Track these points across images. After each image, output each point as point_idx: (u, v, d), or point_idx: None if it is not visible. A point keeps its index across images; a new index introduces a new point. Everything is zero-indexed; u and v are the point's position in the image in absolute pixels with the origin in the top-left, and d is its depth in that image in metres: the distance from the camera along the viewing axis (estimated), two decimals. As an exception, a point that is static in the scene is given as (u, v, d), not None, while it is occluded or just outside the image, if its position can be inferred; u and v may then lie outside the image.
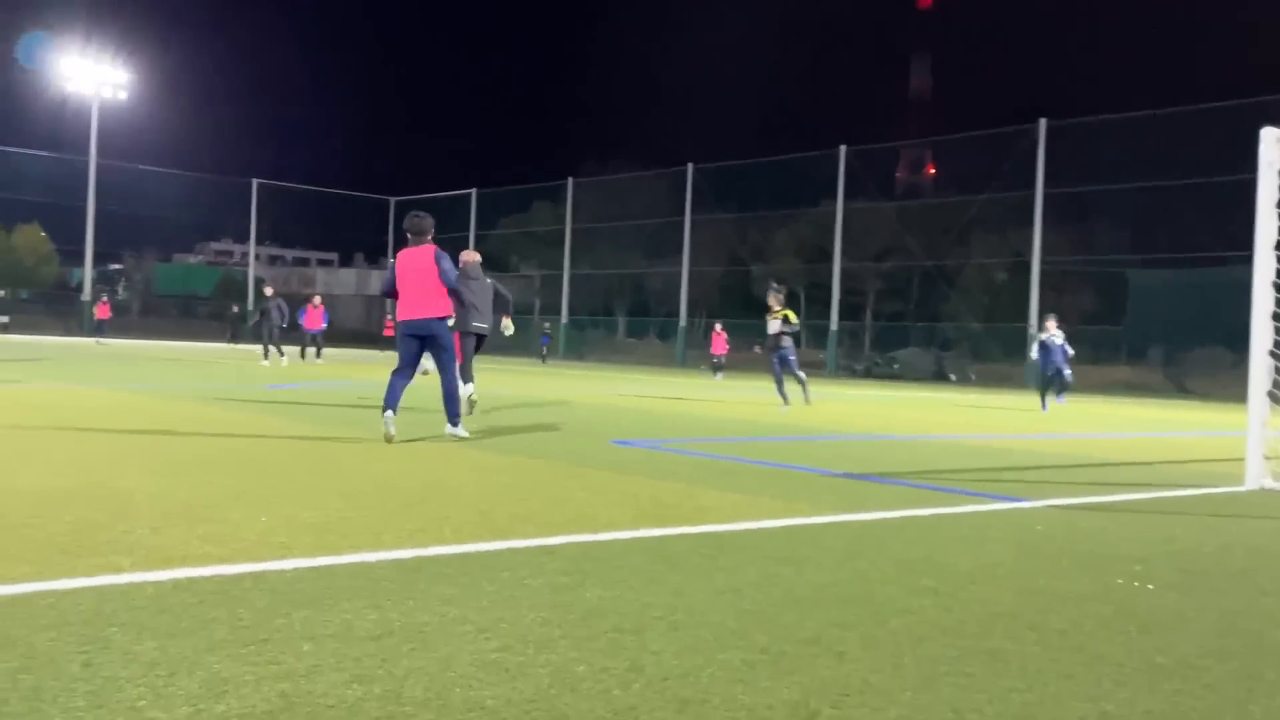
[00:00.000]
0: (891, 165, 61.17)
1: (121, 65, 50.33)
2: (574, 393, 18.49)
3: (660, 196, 52.66)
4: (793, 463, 8.20)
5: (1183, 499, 7.09)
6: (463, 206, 60.06)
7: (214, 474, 6.07)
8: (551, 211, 57.63)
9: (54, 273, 68.54)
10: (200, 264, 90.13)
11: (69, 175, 51.12)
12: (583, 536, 4.67)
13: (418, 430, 9.33)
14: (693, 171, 48.74)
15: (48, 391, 12.49)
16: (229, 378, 18.00)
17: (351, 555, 4.05)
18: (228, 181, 59.73)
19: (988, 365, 41.38)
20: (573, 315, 55.52)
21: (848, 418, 14.79)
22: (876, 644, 3.18)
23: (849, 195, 43.84)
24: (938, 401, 21.00)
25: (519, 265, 66.50)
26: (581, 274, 55.79)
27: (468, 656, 2.86)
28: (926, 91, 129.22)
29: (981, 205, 42.20)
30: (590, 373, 32.55)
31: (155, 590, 3.38)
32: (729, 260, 52.22)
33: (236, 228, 65.14)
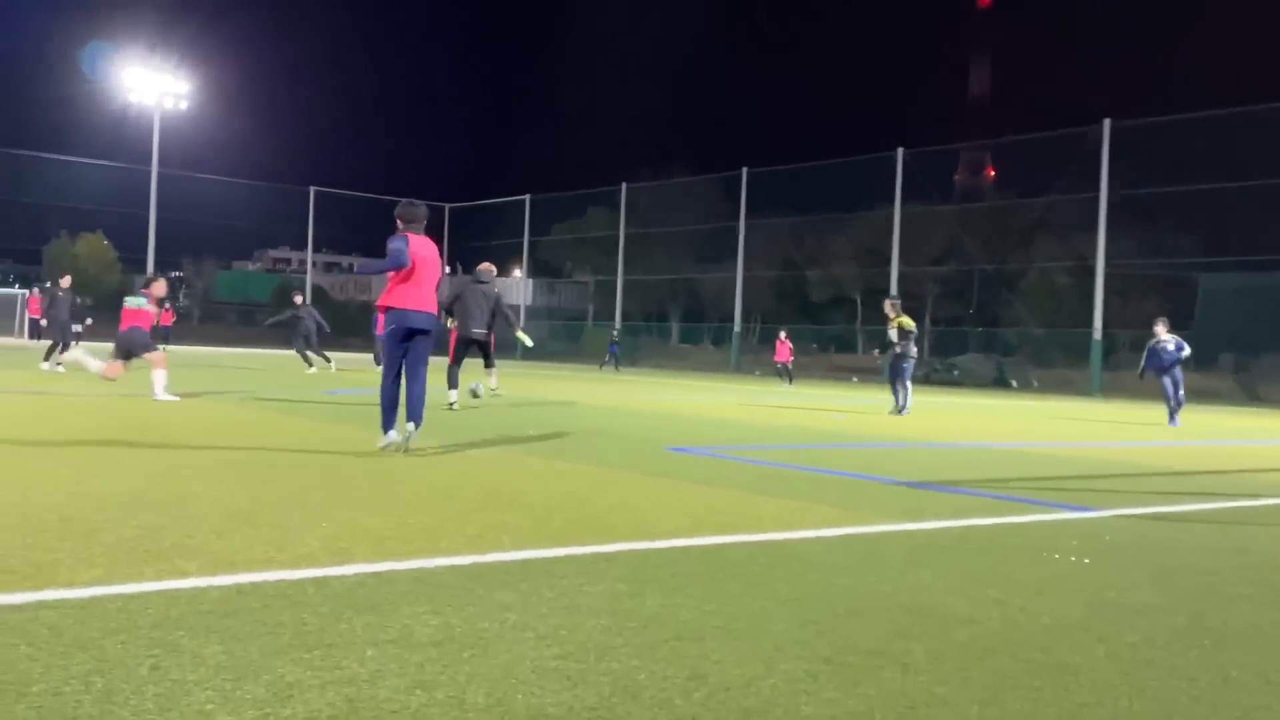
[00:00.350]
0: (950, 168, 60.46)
1: (183, 76, 51.39)
2: (628, 399, 18.52)
3: (714, 201, 52.64)
4: (851, 470, 8.14)
5: (1256, 509, 6.93)
6: (517, 213, 60.49)
7: (274, 479, 6.17)
8: (605, 217, 57.81)
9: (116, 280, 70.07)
10: (259, 271, 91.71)
11: (131, 184, 52.31)
12: (641, 544, 4.68)
13: (463, 435, 9.40)
14: (747, 175, 48.62)
15: (111, 397, 12.78)
16: (289, 383, 18.27)
17: (411, 561, 4.09)
18: (286, 189, 60.76)
19: (1050, 371, 40.74)
20: (626, 321, 55.62)
21: (906, 425, 14.64)
22: (942, 656, 3.15)
23: (907, 198, 43.43)
24: (999, 408, 20.73)
25: (572, 271, 66.86)
26: (635, 279, 55.91)
27: (529, 663, 2.88)
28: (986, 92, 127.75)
29: (1044, 208, 41.71)
30: (644, 379, 32.58)
31: (220, 595, 3.44)
32: (784, 265, 52.07)
33: (294, 235, 66.05)
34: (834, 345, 55.06)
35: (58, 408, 11.14)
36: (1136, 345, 43.52)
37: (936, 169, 46.71)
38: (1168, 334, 18.03)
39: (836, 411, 17.49)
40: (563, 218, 61.08)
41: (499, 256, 65.51)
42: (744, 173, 48.64)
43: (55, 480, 5.77)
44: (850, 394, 26.93)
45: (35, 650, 2.77)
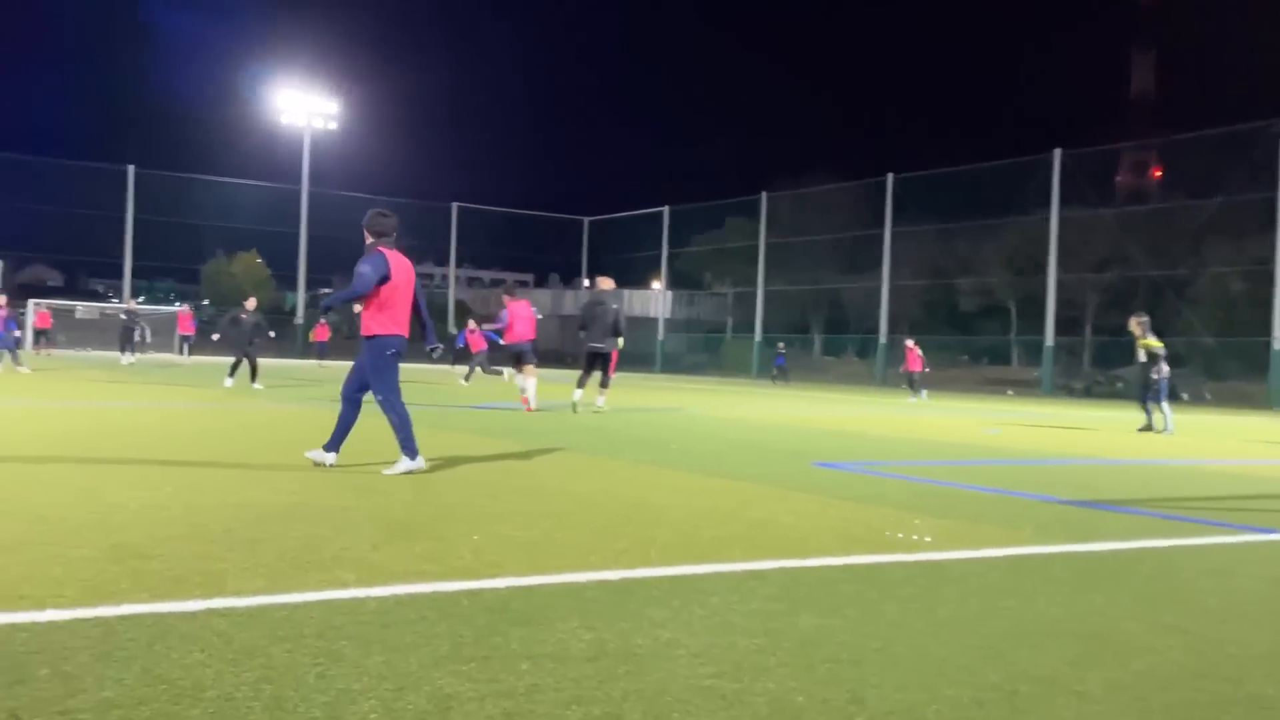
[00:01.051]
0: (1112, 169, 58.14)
1: (332, 96, 53.62)
2: (772, 412, 18.39)
3: (858, 208, 51.87)
4: (1012, 488, 7.89)
5: None
6: (655, 225, 60.91)
7: (425, 492, 6.34)
8: (745, 227, 57.64)
9: (270, 297, 73.39)
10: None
11: (283, 203, 54.79)
12: (792, 562, 4.64)
13: (604, 449, 9.47)
14: (893, 181, 47.82)
15: (263, 411, 13.37)
16: (437, 398, 18.79)
17: (561, 575, 4.15)
18: (429, 206, 62.67)
19: (1224, 384, 38.73)
20: (767, 333, 55.31)
21: (1069, 440, 14.13)
22: (1120, 686, 3.01)
23: (1064, 202, 42.01)
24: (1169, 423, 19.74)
25: (711, 283, 66.83)
26: (776, 290, 55.55)
27: (683, 681, 2.88)
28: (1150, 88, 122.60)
29: (1215, 210, 39.70)
30: (786, 391, 32.31)
31: (379, 605, 3.55)
32: (932, 273, 50.91)
33: (437, 251, 68.04)
34: (986, 357, 53.52)
35: (216, 422, 11.71)
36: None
37: (1097, 170, 45.07)
38: None
39: (992, 425, 17.00)
40: (701, 228, 61.18)
41: (638, 269, 66.18)
42: (890, 179, 47.85)
43: (218, 492, 6.06)
44: (1005, 408, 26.13)
45: (208, 657, 2.91)
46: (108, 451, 7.95)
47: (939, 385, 44.55)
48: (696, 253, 62.35)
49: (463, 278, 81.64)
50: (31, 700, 2.53)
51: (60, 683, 2.66)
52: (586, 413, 15.12)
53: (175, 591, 3.62)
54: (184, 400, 15.38)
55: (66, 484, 6.16)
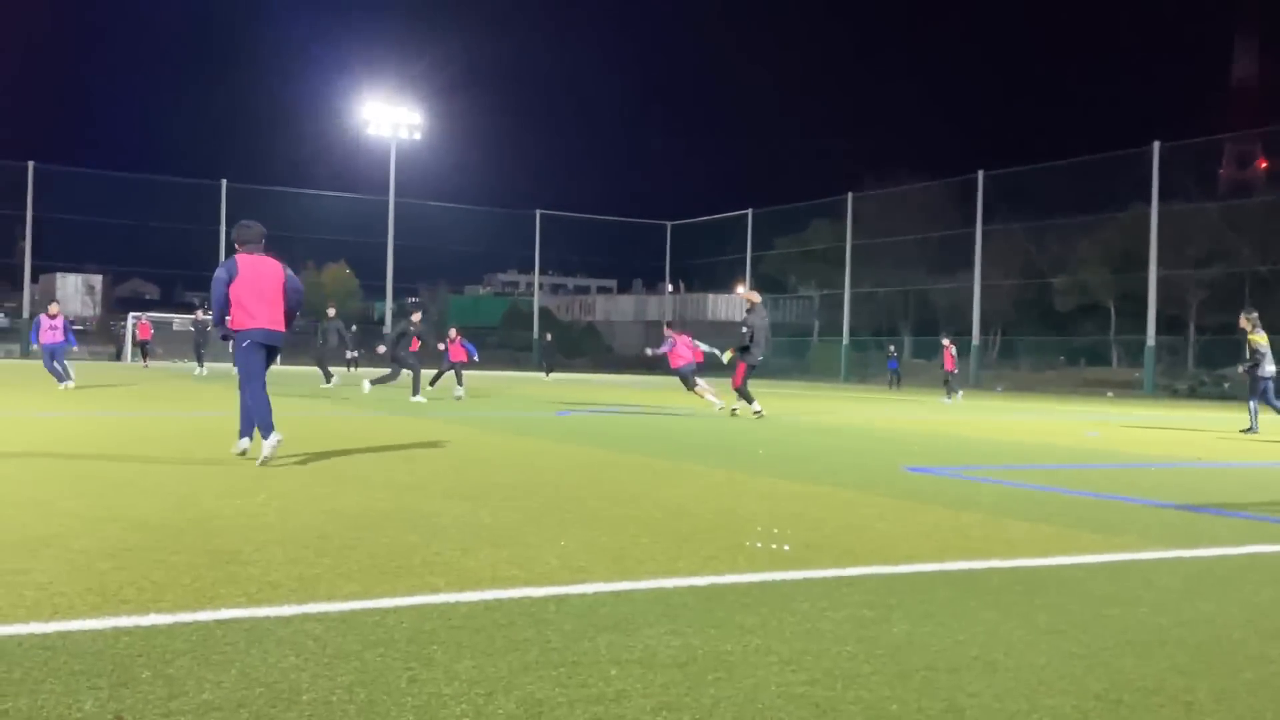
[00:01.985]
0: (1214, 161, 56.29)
1: (416, 107, 54.57)
2: (861, 416, 18.20)
3: (947, 207, 51.10)
4: (1111, 492, 7.69)
5: None
6: (739, 228, 60.77)
7: (511, 498, 6.41)
8: (830, 229, 57.17)
9: (358, 307, 74.88)
10: (488, 295, 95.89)
11: (369, 214, 55.96)
12: (883, 568, 4.58)
13: (690, 454, 9.45)
14: (983, 179, 46.99)
15: (351, 420, 13.64)
16: (522, 405, 18.99)
17: (649, 580, 4.16)
18: (512, 213, 63.42)
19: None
20: (854, 335, 54.75)
21: (1173, 443, 13.72)
22: (1230, 696, 2.92)
23: (1164, 196, 40.83)
24: (1277, 424, 19.08)
25: (796, 286, 66.38)
26: (863, 292, 54.96)
27: (774, 688, 2.87)
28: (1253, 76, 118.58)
29: (1325, 200, 38.23)
30: (875, 395, 31.95)
31: (468, 610, 3.60)
32: (1025, 272, 49.91)
33: (521, 258, 68.82)
34: (1084, 358, 52.23)
35: (316, 429, 11.98)
36: None
37: (1198, 163, 43.74)
38: None
39: (1091, 428, 16.59)
40: (785, 231, 60.83)
41: (722, 273, 66.12)
42: (980, 176, 47.05)
43: (311, 498, 6.20)
44: (1106, 410, 25.49)
45: (303, 661, 2.98)
46: (201, 457, 8.18)
47: (1035, 387, 43.63)
48: (780, 255, 62.01)
49: (546, 285, 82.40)
50: (135, 702, 2.62)
51: (163, 685, 2.75)
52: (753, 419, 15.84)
53: (271, 596, 3.71)
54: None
55: (166, 491, 6.36)
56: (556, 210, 63.58)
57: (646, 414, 17.08)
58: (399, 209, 55.40)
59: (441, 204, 61.17)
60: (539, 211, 61.97)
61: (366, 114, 53.85)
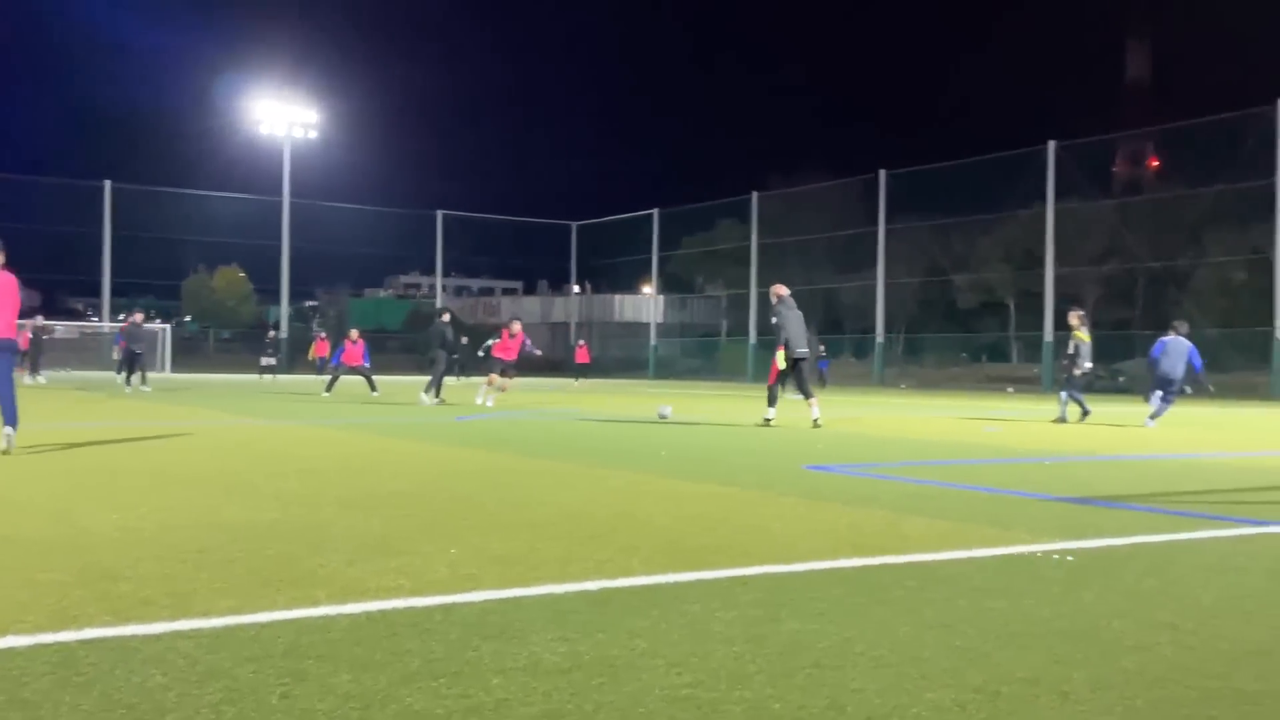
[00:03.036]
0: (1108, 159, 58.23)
1: (312, 105, 53.62)
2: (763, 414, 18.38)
3: (851, 206, 51.91)
4: (1006, 487, 7.90)
5: None
6: (644, 228, 60.95)
7: (406, 506, 6.33)
8: (737, 228, 57.69)
9: (252, 311, 73.29)
10: (390, 297, 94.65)
11: (264, 215, 54.75)
12: (777, 567, 4.64)
13: (591, 457, 9.45)
14: (885, 178, 47.89)
15: (248, 429, 13.35)
16: (421, 411, 18.78)
17: (540, 587, 4.14)
18: (413, 214, 62.66)
19: (1227, 375, 38.78)
20: (761, 335, 55.32)
21: (1067, 437, 14.15)
22: (1106, 684, 3.01)
23: (1060, 194, 42.11)
24: (1170, 417, 19.81)
25: (704, 286, 66.87)
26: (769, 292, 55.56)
27: (659, 691, 2.88)
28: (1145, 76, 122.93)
29: (1213, 198, 39.84)
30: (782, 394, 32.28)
31: (350, 623, 3.55)
32: (928, 270, 50.97)
33: (423, 260, 68.00)
34: (986, 355, 53.60)
35: (202, 440, 11.68)
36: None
37: (1093, 161, 45.15)
38: None
39: (991, 424, 17.02)
40: (692, 231, 61.22)
41: (629, 274, 66.25)
42: (882, 175, 47.94)
43: (194, 511, 6.04)
44: (1006, 406, 26.16)
45: (170, 680, 2.90)
46: (81, 467, 7.92)
47: (939, 384, 44.60)
48: (687, 255, 62.38)
49: (450, 287, 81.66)
50: (-14, 729, 2.52)
51: (18, 710, 2.65)
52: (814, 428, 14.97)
53: (141, 614, 3.60)
54: (169, 421, 15.36)
55: (39, 507, 6.14)
56: (459, 210, 63.11)
57: (550, 418, 17.03)
58: (295, 210, 54.34)
59: (340, 205, 60.22)
60: (440, 212, 61.39)
61: (259, 112, 52.77)
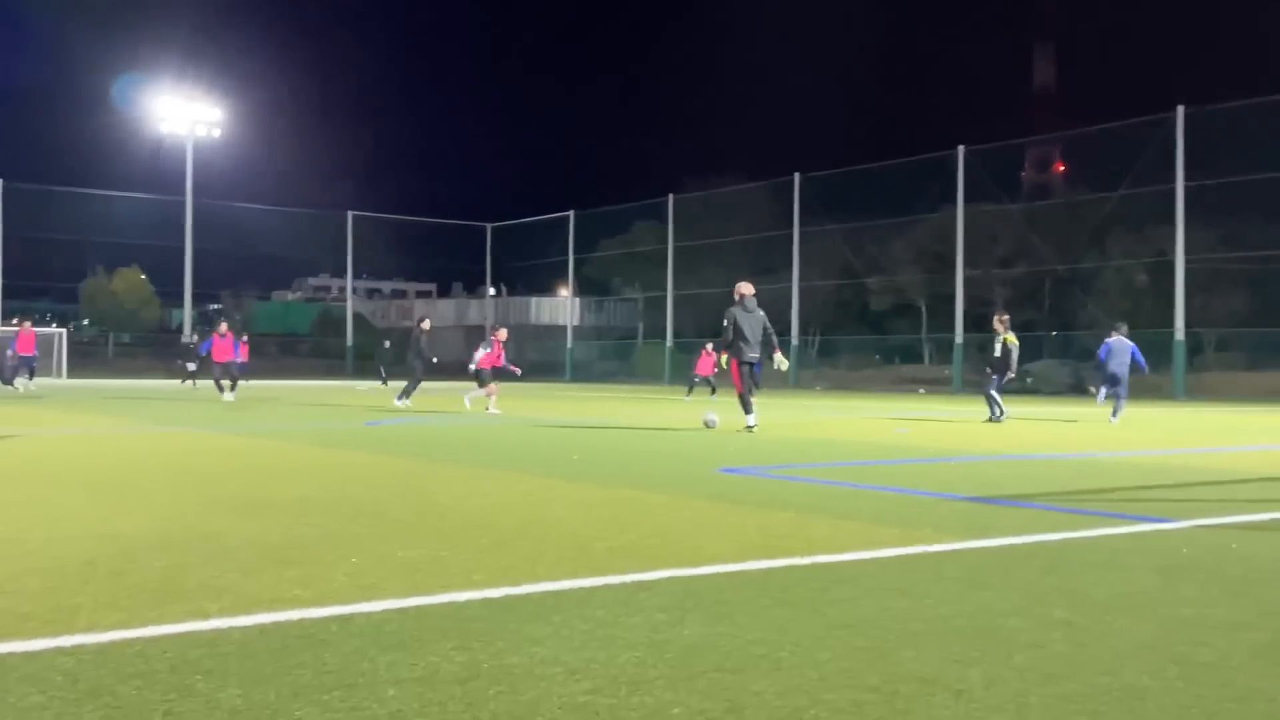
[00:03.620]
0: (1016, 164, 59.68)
1: (215, 103, 52.50)
2: (680, 419, 18.47)
3: (766, 209, 52.48)
4: (914, 487, 8.04)
5: (1353, 515, 6.73)
6: (561, 230, 60.85)
7: (308, 514, 6.22)
8: (653, 231, 57.88)
9: (155, 315, 71.54)
10: (298, 300, 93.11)
11: (166, 216, 53.47)
12: (684, 571, 4.65)
13: (502, 463, 9.41)
14: (800, 181, 48.47)
15: (144, 436, 13.01)
16: (326, 416, 18.50)
17: (442, 595, 4.10)
18: (322, 215, 61.74)
19: (1131, 375, 40.01)
20: (679, 338, 55.59)
21: (976, 437, 14.45)
22: (1000, 681, 3.08)
23: (970, 198, 43.04)
24: (1076, 417, 20.39)
25: (621, 288, 66.99)
26: (686, 294, 55.87)
27: (557, 699, 2.86)
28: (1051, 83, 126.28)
29: (1117, 202, 41.01)
30: (696, 398, 32.46)
31: (242, 636, 3.47)
32: (842, 273, 51.71)
33: (333, 262, 67.12)
34: (898, 356, 54.54)
35: (95, 447, 11.35)
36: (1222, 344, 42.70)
37: (1001, 166, 46.19)
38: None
39: (901, 425, 17.31)
40: (609, 233, 61.28)
41: (543, 275, 66.07)
42: (796, 178, 48.50)
43: (85, 521, 5.87)
44: (917, 407, 26.64)
45: (48, 699, 2.81)
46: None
47: (853, 385, 45.26)
48: (604, 257, 62.42)
49: (361, 289, 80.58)
50: None
51: (-119, 735, 2.54)
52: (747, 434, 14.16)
53: (20, 630, 3.48)
54: (37, 428, 14.90)
55: (-85, 521, 5.91)
56: (371, 211, 62.33)
57: (461, 422, 16.90)
58: (199, 210, 53.13)
59: (246, 205, 59.10)
60: (351, 213, 60.57)
61: (161, 110, 51.52)
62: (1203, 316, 38.33)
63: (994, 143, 44.38)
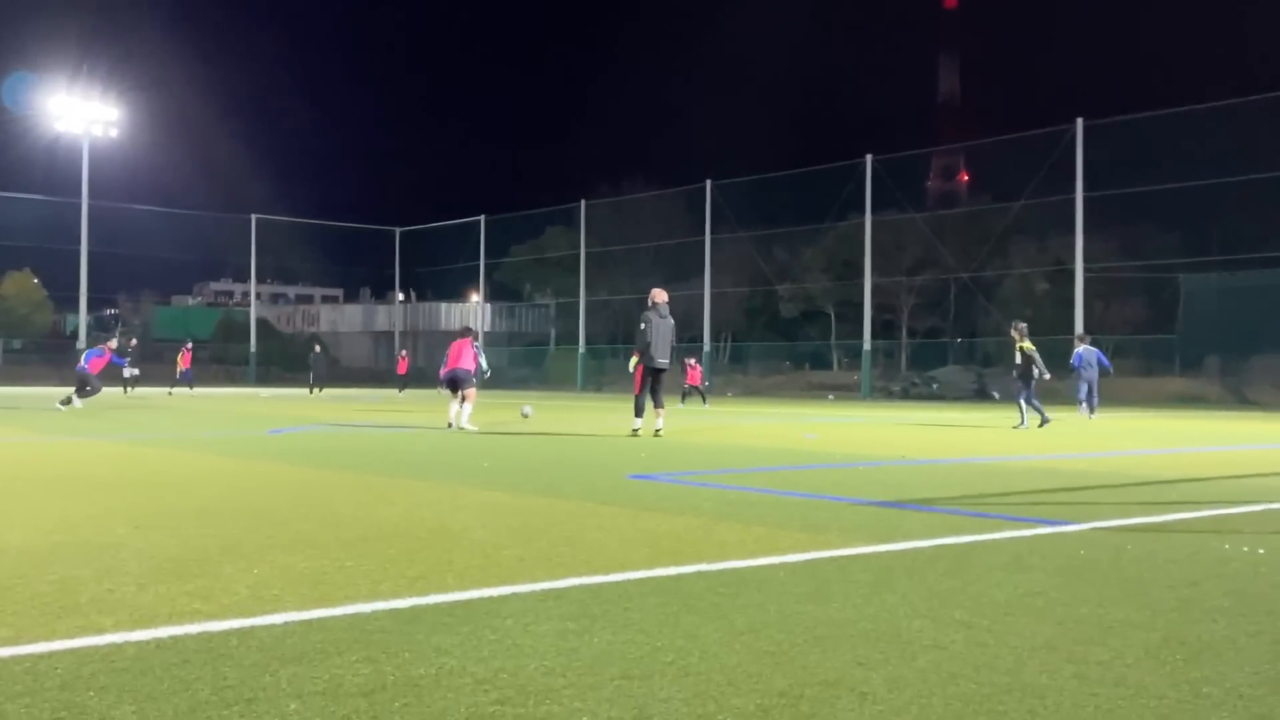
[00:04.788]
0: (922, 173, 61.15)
1: (112, 102, 51.06)
2: (591, 426, 18.48)
3: (679, 216, 52.82)
4: (822, 492, 8.15)
5: (1239, 516, 7.00)
6: (471, 234, 60.46)
7: (209, 525, 6.09)
8: (565, 236, 57.86)
9: (48, 320, 69.29)
10: (200, 305, 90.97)
11: (61, 218, 51.79)
12: (593, 578, 4.66)
13: (413, 471, 9.32)
14: (711, 188, 48.87)
15: (38, 446, 12.60)
16: (230, 424, 18.11)
17: (347, 606, 4.04)
18: (225, 218, 60.45)
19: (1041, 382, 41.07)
20: (590, 344, 55.60)
21: (883, 443, 14.71)
22: (903, 683, 3.14)
23: (878, 207, 43.82)
24: (980, 422, 20.88)
25: (533, 294, 66.77)
26: (599, 300, 55.93)
27: (464, 710, 2.85)
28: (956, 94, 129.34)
29: (1019, 212, 42.14)
30: (608, 405, 32.52)
31: (137, 651, 3.38)
32: (753, 280, 52.26)
33: (236, 266, 65.79)
34: (808, 363, 55.28)
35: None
36: (1119, 351, 44.08)
37: (908, 175, 47.23)
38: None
39: (810, 430, 17.54)
40: (520, 238, 61.11)
41: (454, 280, 65.56)
42: (708, 185, 48.89)
43: (-31, 535, 5.66)
44: (825, 412, 27.02)
45: (-71, 719, 2.70)
46: None
47: (764, 391, 45.74)
48: (516, 263, 62.17)
49: (265, 294, 79.04)
50: None
51: None
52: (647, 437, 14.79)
53: (-100, 650, 3.35)
54: None
55: None
56: (275, 214, 61.19)
57: (369, 430, 16.68)
58: (95, 212, 51.59)
59: (144, 207, 57.60)
60: (255, 216, 59.42)
61: (55, 109, 49.91)
62: (1101, 324, 39.53)
63: (901, 152, 45.33)
